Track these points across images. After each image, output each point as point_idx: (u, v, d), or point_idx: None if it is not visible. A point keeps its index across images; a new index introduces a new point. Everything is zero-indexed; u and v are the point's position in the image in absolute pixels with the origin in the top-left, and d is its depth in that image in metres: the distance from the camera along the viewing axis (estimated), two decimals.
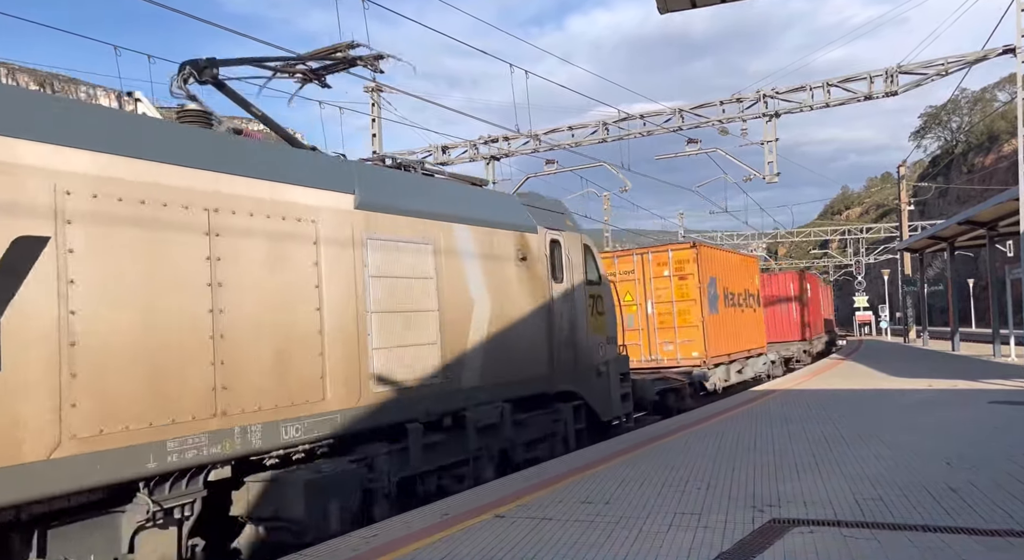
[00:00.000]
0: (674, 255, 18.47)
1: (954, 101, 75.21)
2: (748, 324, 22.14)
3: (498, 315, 9.08)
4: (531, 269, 9.91)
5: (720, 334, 19.16)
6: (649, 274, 18.64)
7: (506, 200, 10.42)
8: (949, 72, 21.06)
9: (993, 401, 12.20)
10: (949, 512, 5.62)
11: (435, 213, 8.39)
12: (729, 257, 21.56)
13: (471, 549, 5.28)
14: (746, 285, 22.22)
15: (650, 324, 18.49)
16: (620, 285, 18.04)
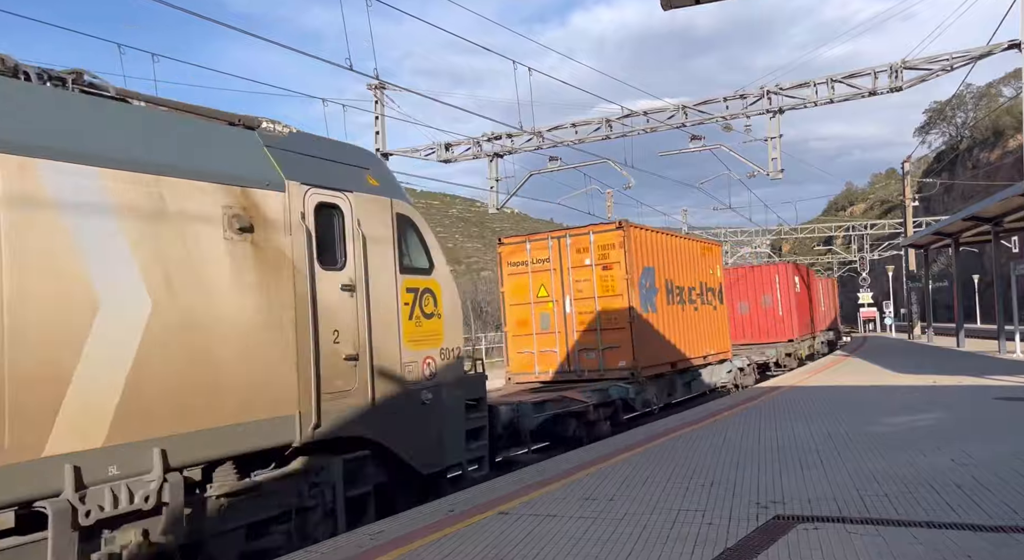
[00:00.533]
0: (596, 239, 14.69)
1: (959, 97, 75.00)
2: (703, 325, 18.19)
3: (171, 321, 5.66)
4: (263, 246, 6.46)
5: (658, 338, 15.55)
6: (568, 263, 14.91)
7: (221, 135, 6.68)
8: (954, 67, 20.99)
9: (998, 397, 12.17)
10: (954, 508, 5.61)
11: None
12: (674, 242, 17.33)
13: (475, 546, 5.29)
14: (702, 277, 18.48)
15: (569, 326, 14.84)
16: (535, 276, 15.20)
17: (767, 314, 26.82)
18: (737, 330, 25.36)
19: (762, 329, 26.66)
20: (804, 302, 29.63)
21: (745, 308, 26.94)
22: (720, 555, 4.78)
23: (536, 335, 15.20)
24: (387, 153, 26.54)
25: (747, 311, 26.99)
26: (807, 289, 31.19)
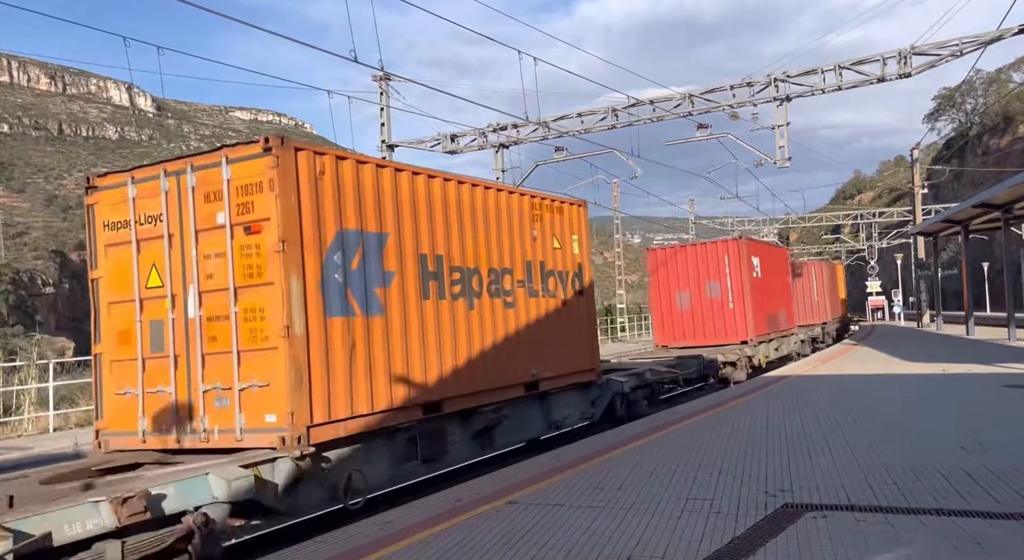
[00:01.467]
0: (235, 172, 7.47)
1: (968, 82, 74.36)
2: (514, 333, 10.55)
3: None
4: None
5: (366, 367, 7.95)
6: (190, 225, 7.70)
7: None
8: (964, 53, 20.80)
9: (1008, 385, 12.13)
10: (963, 496, 5.60)
11: None
12: (444, 190, 9.48)
13: (485, 535, 5.32)
14: (543, 255, 11.36)
15: (192, 345, 7.59)
16: (144, 249, 7.92)
17: (712, 307, 20.53)
18: (676, 329, 21.00)
19: (708, 328, 20.61)
20: (769, 291, 22.69)
21: (686, 300, 20.88)
22: (729, 544, 4.79)
23: (146, 360, 7.87)
24: (392, 145, 26.52)
25: (688, 305, 20.86)
26: (778, 275, 24.58)
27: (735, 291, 20.24)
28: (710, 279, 20.50)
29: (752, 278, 20.64)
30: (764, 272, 22.02)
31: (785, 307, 24.95)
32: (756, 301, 20.72)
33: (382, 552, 5.08)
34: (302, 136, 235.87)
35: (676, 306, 20.90)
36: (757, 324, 20.66)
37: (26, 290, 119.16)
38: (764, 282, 21.94)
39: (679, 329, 20.88)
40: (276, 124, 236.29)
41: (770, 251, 24.22)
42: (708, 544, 4.80)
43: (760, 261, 21.75)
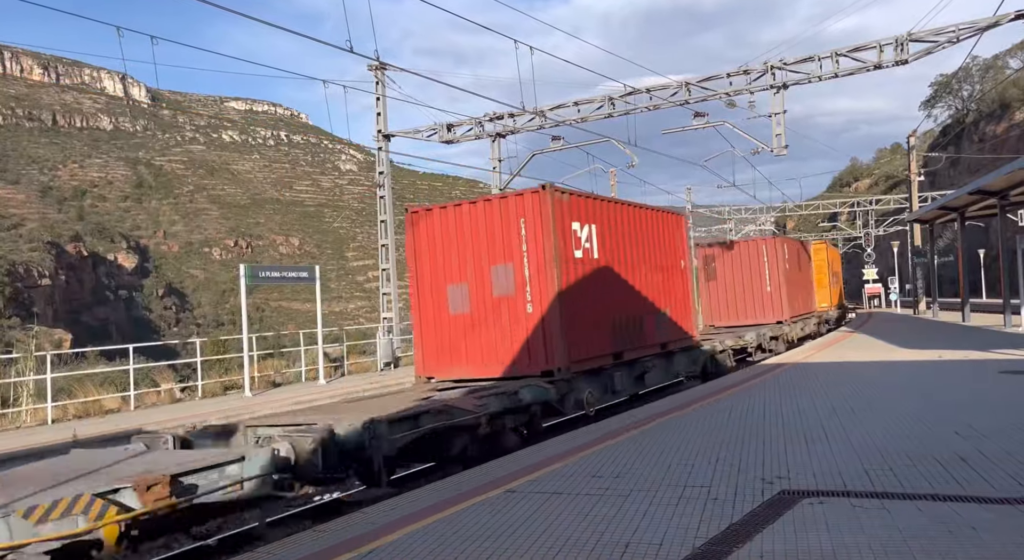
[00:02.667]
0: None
1: (965, 69, 74.22)
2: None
3: None
4: None
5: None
6: None
7: None
8: (960, 39, 20.74)
9: (1003, 371, 12.18)
10: (959, 481, 5.64)
11: None
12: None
13: (484, 523, 5.35)
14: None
15: None
16: None
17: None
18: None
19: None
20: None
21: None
22: (726, 530, 4.82)
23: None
24: (388, 135, 26.44)
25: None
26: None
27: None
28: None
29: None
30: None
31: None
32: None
33: (382, 540, 5.11)
34: (298, 127, 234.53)
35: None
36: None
37: (22, 282, 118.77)
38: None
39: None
40: (272, 114, 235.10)
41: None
42: (705, 530, 4.83)
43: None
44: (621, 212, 13.87)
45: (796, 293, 26.78)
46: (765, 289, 24.49)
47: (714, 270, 25.34)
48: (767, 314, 24.32)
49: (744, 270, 24.94)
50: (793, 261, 27.08)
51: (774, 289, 24.45)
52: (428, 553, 4.77)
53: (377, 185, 26.47)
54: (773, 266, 24.59)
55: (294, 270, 21.37)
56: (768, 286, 24.50)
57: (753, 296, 24.67)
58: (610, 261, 13.08)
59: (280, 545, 5.31)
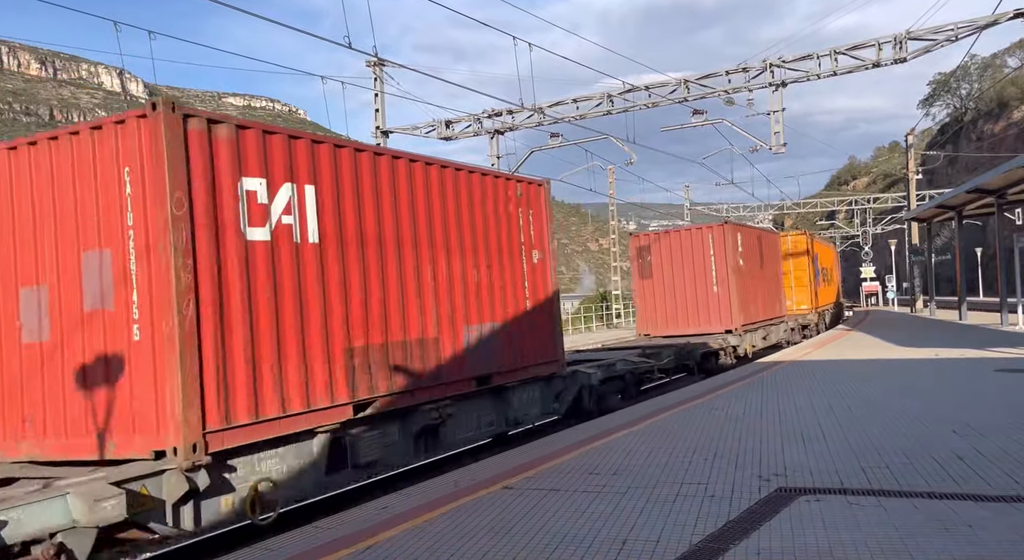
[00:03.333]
0: None
1: (963, 68, 74.25)
2: None
3: None
4: None
5: None
6: None
7: None
8: (959, 37, 20.76)
9: (1000, 369, 12.21)
10: (955, 479, 5.65)
11: None
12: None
13: (481, 520, 5.35)
14: None
15: None
16: None
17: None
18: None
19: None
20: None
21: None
22: (723, 527, 4.83)
23: None
24: (387, 131, 26.40)
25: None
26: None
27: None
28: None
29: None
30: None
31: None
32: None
33: (379, 537, 5.11)
34: (296, 123, 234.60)
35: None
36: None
37: None
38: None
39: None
40: (270, 110, 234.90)
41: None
42: (703, 527, 4.84)
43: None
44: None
45: (755, 295, 20.77)
46: (712, 289, 18.95)
47: (649, 265, 19.67)
48: (712, 321, 18.87)
49: (687, 265, 19.20)
50: (752, 254, 21.04)
51: (722, 290, 18.85)
52: (425, 550, 4.77)
53: None
54: (721, 260, 18.88)
55: None
56: (715, 286, 18.95)
57: (696, 298, 19.09)
58: (348, 247, 7.78)
59: (277, 541, 5.31)
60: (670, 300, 19.36)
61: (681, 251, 19.32)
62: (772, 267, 23.36)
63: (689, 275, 19.15)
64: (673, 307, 19.31)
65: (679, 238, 19.51)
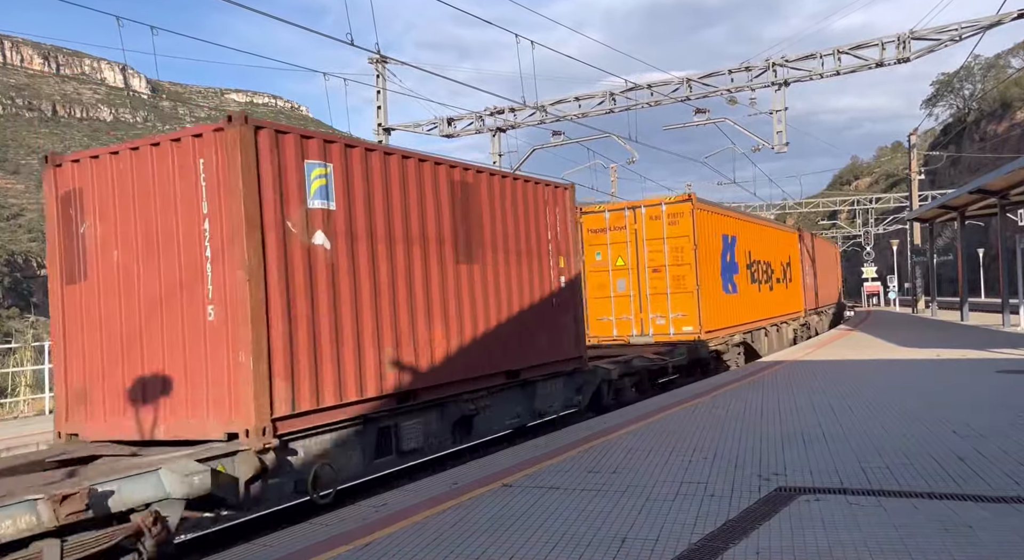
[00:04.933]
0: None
1: (967, 68, 74.13)
2: None
3: None
4: None
5: None
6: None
7: None
8: (962, 37, 20.72)
9: (1001, 370, 12.19)
10: (956, 480, 5.64)
11: None
12: None
13: (480, 518, 5.34)
14: None
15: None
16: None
17: None
18: None
19: None
20: None
21: None
22: (722, 526, 4.82)
23: None
24: (389, 128, 26.38)
25: None
26: None
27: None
28: None
29: None
30: None
31: None
32: None
33: (377, 535, 5.11)
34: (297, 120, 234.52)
35: None
36: None
37: (21, 272, 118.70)
38: None
39: None
40: (272, 106, 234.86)
41: None
42: (702, 527, 4.83)
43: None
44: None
45: (525, 335, 11.44)
46: None
47: None
48: None
49: None
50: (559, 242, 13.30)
51: None
52: (425, 547, 4.76)
53: None
54: None
55: None
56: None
57: None
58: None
59: (277, 537, 5.30)
60: None
61: None
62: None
63: None
64: None
65: None
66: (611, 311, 16.54)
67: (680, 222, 16.02)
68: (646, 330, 16.26)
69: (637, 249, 16.34)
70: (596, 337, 16.07)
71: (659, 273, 16.10)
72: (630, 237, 16.39)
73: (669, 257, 16.07)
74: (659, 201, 16.33)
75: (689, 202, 16.13)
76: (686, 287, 15.90)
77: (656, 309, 16.23)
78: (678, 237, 16.03)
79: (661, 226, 16.15)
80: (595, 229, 16.70)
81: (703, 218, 16.48)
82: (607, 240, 16.60)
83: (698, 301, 15.89)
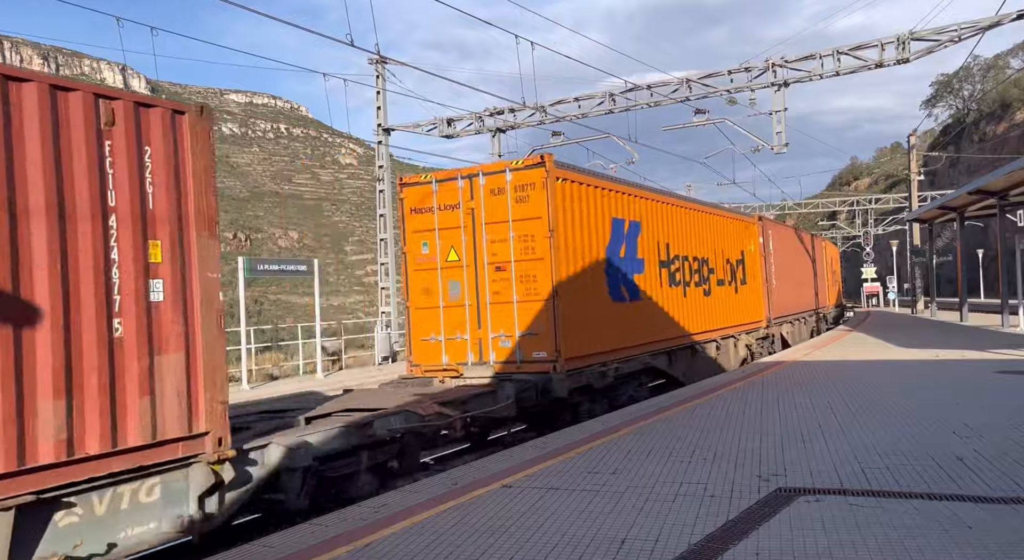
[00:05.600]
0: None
1: (966, 69, 74.20)
2: None
3: None
4: None
5: None
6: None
7: None
8: (962, 38, 20.73)
9: (1000, 371, 12.20)
10: (955, 480, 5.64)
11: None
12: None
13: (479, 519, 5.35)
14: None
15: None
16: None
17: None
18: None
19: None
20: None
21: None
22: (722, 526, 4.82)
23: None
24: (388, 128, 26.39)
25: None
26: None
27: None
28: None
29: None
30: None
31: None
32: None
33: (377, 535, 5.11)
34: (298, 120, 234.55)
35: None
36: None
37: None
38: None
39: None
40: (272, 106, 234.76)
41: None
42: (702, 527, 4.83)
43: None
44: None
45: None
46: None
47: None
48: None
49: None
50: None
51: None
52: (425, 547, 4.77)
53: (377, 179, 26.43)
54: None
55: (293, 263, 21.31)
56: None
57: None
58: None
59: (278, 537, 5.31)
60: None
61: None
62: None
63: None
64: None
65: None
66: (440, 328, 11.71)
67: (531, 198, 10.98)
68: (486, 356, 11.34)
69: (475, 237, 11.45)
70: (422, 366, 11.84)
71: (503, 272, 11.21)
72: (465, 220, 11.54)
73: (516, 249, 11.13)
74: (503, 166, 11.48)
75: (542, 167, 10.95)
76: (538, 293, 10.98)
77: (499, 325, 11.29)
78: (528, 220, 11.02)
79: (506, 203, 11.20)
80: (420, 208, 11.89)
81: (568, 192, 11.43)
82: (435, 224, 11.76)
83: (554, 313, 10.81)
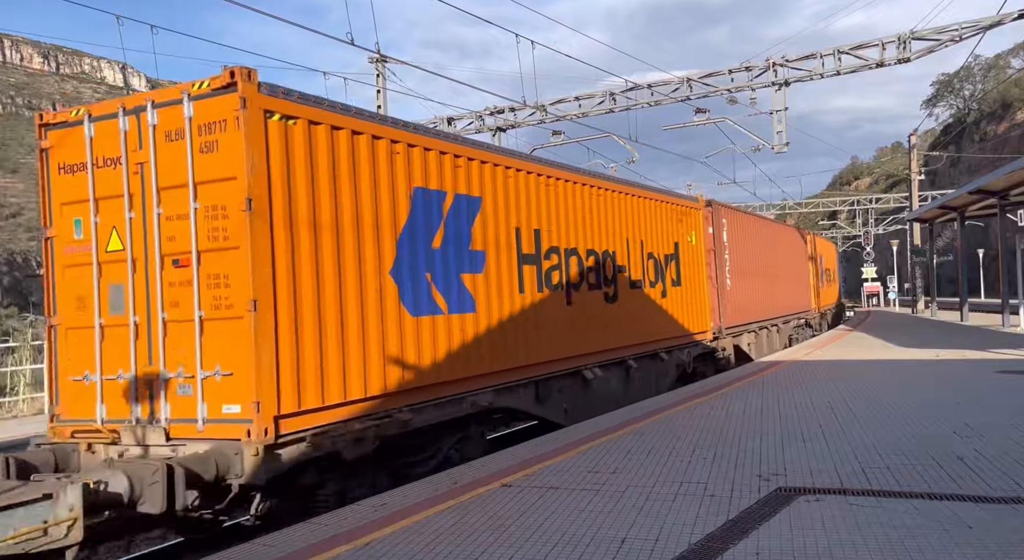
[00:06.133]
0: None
1: (967, 68, 74.14)
2: None
3: None
4: None
5: None
6: None
7: None
8: (963, 38, 20.72)
9: (1001, 371, 12.19)
10: (956, 480, 5.64)
11: None
12: None
13: (479, 518, 5.34)
14: None
15: None
16: None
17: None
18: None
19: None
20: None
21: None
22: (722, 526, 4.82)
23: None
24: None
25: None
26: None
27: None
28: None
29: None
30: None
31: None
32: None
33: (376, 534, 5.10)
34: None
35: None
36: None
37: (20, 271, 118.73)
38: None
39: None
40: None
41: None
42: (702, 527, 4.82)
43: None
44: None
45: None
46: None
47: None
48: None
49: None
50: None
51: None
52: (424, 546, 4.76)
53: None
54: None
55: None
56: None
57: None
58: None
59: (277, 537, 5.30)
60: None
61: None
62: None
63: None
64: None
65: None
66: (96, 361, 7.07)
67: (222, 144, 6.57)
68: (157, 411, 6.78)
69: (145, 211, 6.95)
70: (70, 424, 7.13)
71: (184, 269, 6.74)
72: (132, 182, 7.00)
73: (201, 231, 6.67)
74: (180, 92, 6.78)
75: (234, 91, 6.49)
76: (231, 305, 6.50)
77: (177, 358, 6.76)
78: (217, 181, 6.59)
79: (186, 154, 6.69)
80: (71, 165, 7.35)
81: (300, 138, 6.92)
82: (90, 190, 7.19)
83: (255, 338, 6.32)
